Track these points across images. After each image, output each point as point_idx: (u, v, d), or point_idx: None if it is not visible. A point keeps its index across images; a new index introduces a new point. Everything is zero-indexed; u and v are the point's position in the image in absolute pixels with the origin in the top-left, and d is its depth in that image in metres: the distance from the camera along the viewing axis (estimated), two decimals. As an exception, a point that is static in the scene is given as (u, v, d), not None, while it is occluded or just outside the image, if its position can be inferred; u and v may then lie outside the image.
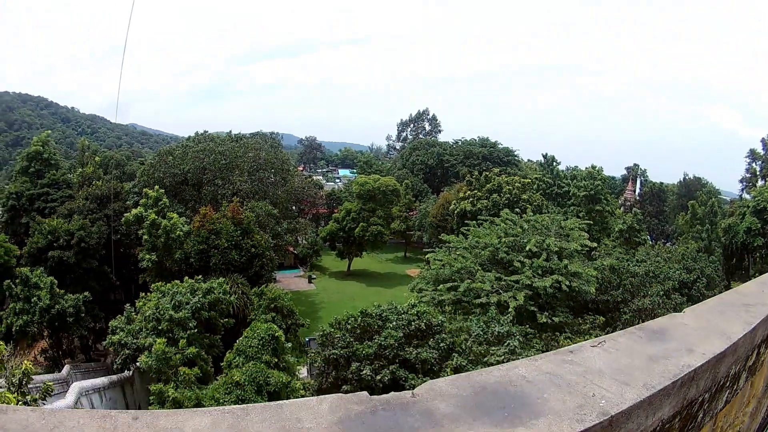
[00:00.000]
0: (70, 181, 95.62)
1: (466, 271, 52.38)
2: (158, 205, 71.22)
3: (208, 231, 65.05)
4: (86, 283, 68.56)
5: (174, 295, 50.11)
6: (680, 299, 54.77)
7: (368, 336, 40.89)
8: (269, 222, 79.52)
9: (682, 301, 54.31)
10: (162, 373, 41.02)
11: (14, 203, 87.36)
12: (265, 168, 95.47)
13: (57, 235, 69.49)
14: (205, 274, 60.08)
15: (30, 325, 57.30)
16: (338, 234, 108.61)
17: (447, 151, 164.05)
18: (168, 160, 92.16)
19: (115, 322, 51.25)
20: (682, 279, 61.58)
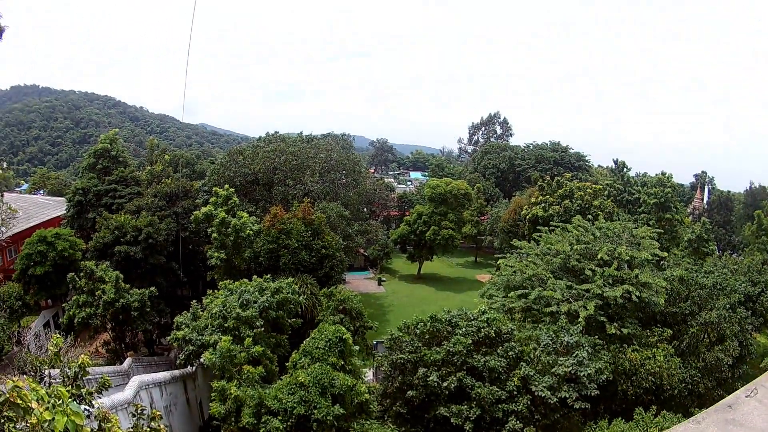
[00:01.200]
0: (139, 178, 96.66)
1: (537, 278, 52.13)
2: (228, 203, 71.80)
3: (279, 231, 65.26)
4: (153, 279, 69.53)
5: (242, 293, 50.48)
6: (745, 313, 54.23)
7: (437, 341, 40.90)
8: (340, 223, 79.97)
9: (746, 315, 53.77)
10: (226, 370, 41.16)
11: (81, 198, 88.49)
12: (336, 169, 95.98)
13: (124, 230, 70.57)
14: (274, 273, 60.44)
15: (93, 318, 58.05)
16: (409, 237, 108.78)
17: (519, 155, 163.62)
18: (238, 160, 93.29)
19: (181, 318, 51.92)
20: (747, 292, 60.71)
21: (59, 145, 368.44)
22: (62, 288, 68.61)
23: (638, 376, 41.90)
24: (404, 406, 41.44)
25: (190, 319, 51.39)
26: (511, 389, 38.00)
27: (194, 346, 47.67)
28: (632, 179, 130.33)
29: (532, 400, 38.12)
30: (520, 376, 38.44)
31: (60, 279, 67.23)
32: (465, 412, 37.35)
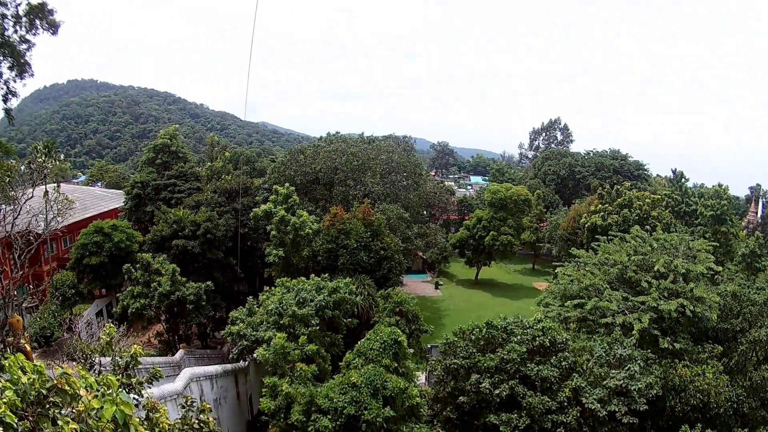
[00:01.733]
0: (199, 174, 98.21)
1: (594, 288, 51.65)
2: (288, 202, 71.91)
3: (338, 230, 65.30)
4: (210, 273, 70.10)
5: (299, 291, 50.67)
6: (793, 332, 53.46)
7: (491, 348, 40.72)
8: (400, 225, 79.70)
9: (795, 334, 53.14)
10: (278, 367, 41.30)
11: (139, 192, 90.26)
12: (397, 171, 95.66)
13: (182, 224, 71.36)
14: (332, 273, 60.63)
15: (147, 309, 58.87)
16: (468, 241, 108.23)
17: (579, 162, 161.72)
18: (300, 159, 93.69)
19: (236, 313, 52.38)
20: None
21: (118, 139, 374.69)
22: (117, 278, 69.92)
23: (687, 392, 41.04)
24: (454, 412, 41.15)
25: (246, 315, 51.89)
26: (561, 400, 37.68)
27: (248, 341, 48.05)
28: (689, 190, 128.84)
29: (582, 412, 37.80)
30: (571, 387, 38.06)
31: (115, 270, 68.38)
32: (515, 420, 37.17)
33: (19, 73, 47.79)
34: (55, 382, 8.35)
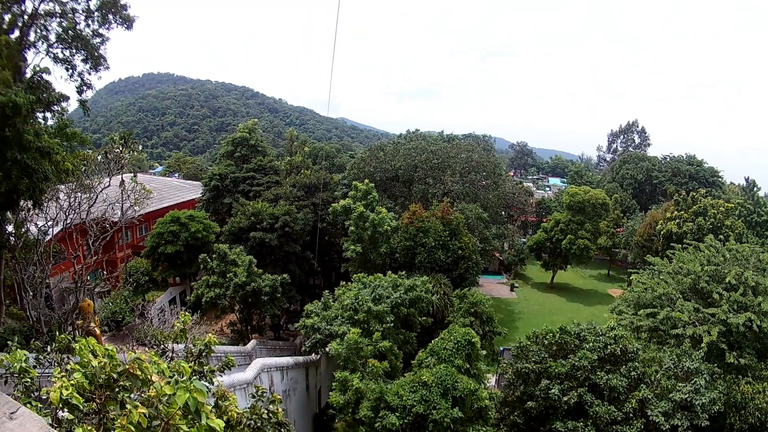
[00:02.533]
0: (277, 168, 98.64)
1: (667, 297, 51.24)
2: (367, 198, 71.92)
3: (417, 228, 65.16)
4: (286, 266, 70.67)
5: (375, 287, 50.72)
6: None
7: (563, 354, 40.48)
8: (478, 225, 79.08)
9: None
10: (350, 362, 41.11)
11: (217, 183, 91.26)
12: (476, 170, 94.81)
13: (261, 217, 71.93)
14: (409, 270, 60.80)
15: (221, 299, 59.42)
16: (545, 244, 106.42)
17: (656, 166, 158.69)
18: (379, 156, 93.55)
19: (311, 306, 52.52)
20: None
21: (195, 132, 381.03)
22: (192, 268, 71.04)
23: (747, 410, 41.07)
24: (521, 416, 40.74)
25: (321, 309, 52.03)
26: (627, 411, 37.19)
27: (322, 335, 48.26)
28: (761, 200, 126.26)
29: (646, 424, 37.69)
30: (638, 399, 37.59)
31: (190, 259, 69.71)
32: (580, 429, 36.70)
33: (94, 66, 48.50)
34: (126, 367, 8.65)
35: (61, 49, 48.50)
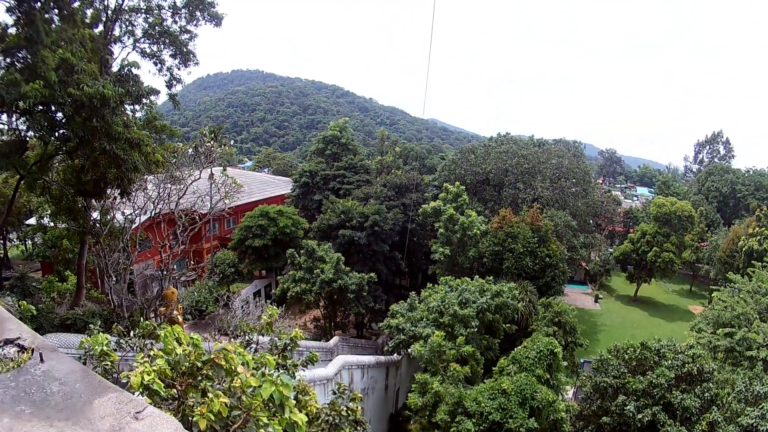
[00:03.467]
0: (368, 167, 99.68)
1: (745, 317, 50.49)
2: (458, 201, 71.99)
3: (506, 233, 64.56)
4: (374, 265, 71.22)
5: (462, 291, 50.46)
6: None
7: (641, 370, 40.15)
8: (566, 233, 78.02)
9: None
10: (432, 364, 41.43)
11: (307, 180, 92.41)
12: (566, 177, 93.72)
13: (350, 215, 72.53)
14: (496, 275, 60.52)
15: (307, 294, 59.93)
16: (631, 256, 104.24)
17: (740, 179, 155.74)
18: (470, 158, 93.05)
19: (397, 306, 52.73)
20: None
21: (285, 128, 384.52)
22: (278, 262, 71.81)
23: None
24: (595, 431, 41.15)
25: (406, 309, 52.25)
26: (697, 432, 37.23)
27: (405, 335, 48.47)
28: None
29: (713, 447, 37.20)
30: (708, 421, 37.25)
31: (277, 253, 70.59)
32: (651, 448, 36.84)
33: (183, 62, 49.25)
34: (211, 356, 8.69)
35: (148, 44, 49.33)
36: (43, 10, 35.37)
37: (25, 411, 4.22)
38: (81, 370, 4.75)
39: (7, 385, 4.52)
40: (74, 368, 4.77)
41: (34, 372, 4.73)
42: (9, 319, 5.98)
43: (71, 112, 37.01)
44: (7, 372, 4.78)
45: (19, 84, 33.59)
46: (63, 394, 4.39)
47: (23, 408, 4.25)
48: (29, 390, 4.46)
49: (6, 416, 4.11)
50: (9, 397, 4.33)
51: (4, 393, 4.41)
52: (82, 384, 4.51)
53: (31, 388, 4.50)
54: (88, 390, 4.43)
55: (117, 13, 47.51)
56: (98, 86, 35.06)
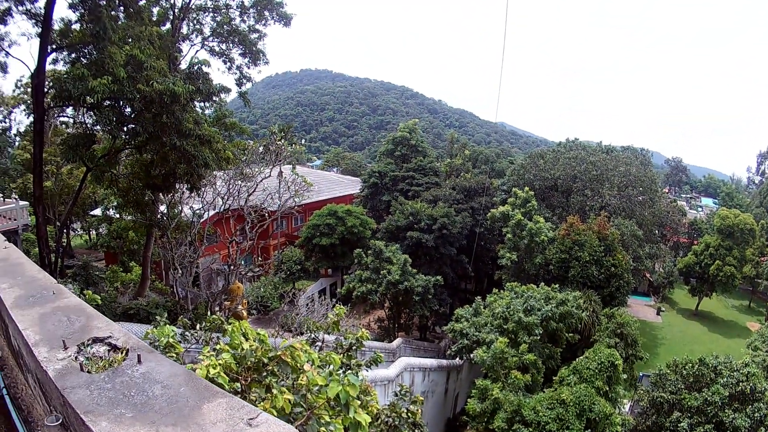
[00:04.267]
0: (437, 169, 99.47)
1: (798, 336, 49.97)
2: (526, 206, 71.77)
3: (573, 241, 63.96)
4: (440, 268, 70.97)
5: (527, 298, 50.26)
6: None
7: (698, 387, 39.92)
8: (632, 243, 77.01)
9: None
10: (493, 371, 41.47)
11: (376, 181, 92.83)
12: (633, 185, 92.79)
13: (419, 217, 72.47)
14: (562, 283, 59.84)
15: (372, 294, 60.00)
16: (694, 268, 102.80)
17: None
18: (539, 164, 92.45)
19: (462, 310, 52.56)
20: None
21: (354, 128, 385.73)
22: (345, 261, 72.10)
23: None
24: (648, 447, 40.76)
25: (471, 314, 52.07)
26: (745, 453, 36.79)
27: (469, 340, 48.16)
28: None
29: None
30: (756, 442, 37.11)
31: (344, 252, 71.15)
32: (701, 467, 36.54)
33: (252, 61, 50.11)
34: (278, 353, 8.71)
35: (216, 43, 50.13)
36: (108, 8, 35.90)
37: (126, 414, 4.12)
38: (184, 373, 4.65)
39: (102, 387, 4.44)
40: (176, 371, 4.69)
41: (131, 374, 4.66)
42: (96, 316, 5.94)
43: (140, 108, 37.67)
44: (99, 372, 4.69)
45: (86, 79, 34.29)
46: (167, 397, 4.28)
47: (123, 411, 4.14)
48: (128, 392, 4.36)
49: (104, 419, 4.02)
50: (105, 399, 4.24)
51: (100, 395, 4.32)
52: (187, 388, 4.42)
53: (130, 391, 4.39)
54: (194, 394, 4.34)
55: (184, 12, 48.46)
56: (168, 83, 35.61)
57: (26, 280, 7.40)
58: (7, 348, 8.33)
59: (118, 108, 39.27)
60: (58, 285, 7.01)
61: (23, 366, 6.53)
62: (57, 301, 6.41)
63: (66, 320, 5.76)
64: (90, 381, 4.45)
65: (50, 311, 6.07)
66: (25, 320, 5.88)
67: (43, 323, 5.65)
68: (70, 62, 40.25)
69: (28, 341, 5.26)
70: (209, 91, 42.30)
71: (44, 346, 5.14)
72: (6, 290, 7.00)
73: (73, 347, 5.04)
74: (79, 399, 4.18)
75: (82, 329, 5.50)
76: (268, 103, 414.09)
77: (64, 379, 4.48)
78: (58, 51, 40.29)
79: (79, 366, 4.67)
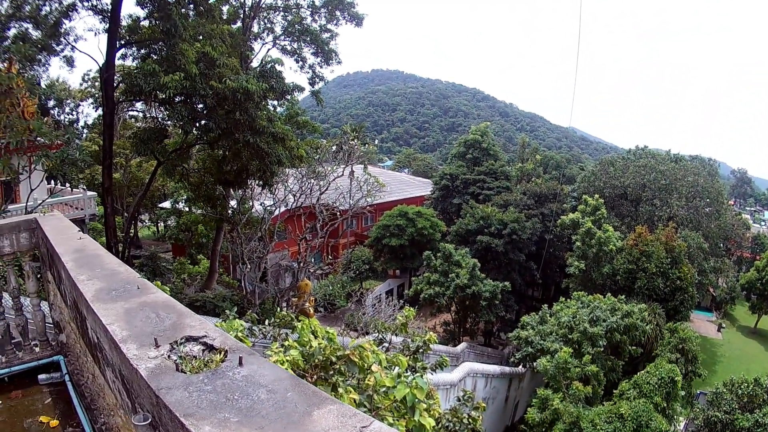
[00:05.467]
0: (509, 173, 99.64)
1: None
2: (595, 214, 71.59)
3: (640, 252, 63.14)
4: (509, 274, 70.72)
5: (593, 308, 49.95)
6: None
7: (750, 407, 39.60)
8: (698, 256, 76.03)
9: None
10: (555, 381, 41.16)
11: (447, 183, 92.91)
12: (700, 196, 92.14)
13: (489, 221, 72.13)
14: (628, 294, 59.19)
15: (440, 297, 60.10)
16: (755, 284, 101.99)
17: None
18: (609, 171, 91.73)
19: (528, 318, 52.52)
20: None
21: (426, 130, 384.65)
22: (414, 263, 72.34)
23: None
24: (698, 468, 40.45)
25: (537, 322, 51.87)
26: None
27: (533, 348, 48.01)
28: None
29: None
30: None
31: (413, 254, 71.34)
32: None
33: (325, 60, 50.54)
34: (347, 353, 8.71)
35: (288, 42, 50.60)
36: (178, 5, 36.43)
37: (231, 419, 3.99)
38: (289, 378, 4.52)
39: (201, 389, 4.34)
40: (281, 375, 4.56)
41: (233, 376, 4.54)
42: (188, 314, 5.91)
43: (213, 104, 38.24)
44: (195, 373, 4.60)
45: (158, 75, 34.85)
46: (274, 402, 4.13)
47: (227, 416, 4.02)
48: (231, 396, 4.23)
49: (206, 423, 3.92)
50: (207, 402, 4.15)
51: (200, 397, 4.23)
52: (294, 393, 4.27)
53: (233, 394, 4.26)
54: (302, 400, 4.17)
55: (255, 10, 49.25)
56: (241, 81, 36.10)
57: (106, 272, 7.40)
58: (80, 339, 8.46)
59: (190, 104, 39.93)
60: (142, 279, 6.91)
61: (101, 359, 6.40)
62: (143, 296, 6.43)
63: (155, 316, 5.73)
64: (188, 382, 4.38)
65: (136, 306, 6.05)
66: (110, 315, 5.84)
67: (130, 319, 5.64)
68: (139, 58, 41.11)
69: (114, 337, 5.06)
70: (283, 90, 42.72)
71: (133, 342, 5.06)
72: (85, 282, 7.05)
73: (165, 345, 4.96)
74: (177, 401, 4.12)
75: (173, 327, 5.48)
76: (340, 102, 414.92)
77: (159, 379, 4.41)
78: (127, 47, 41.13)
79: (175, 366, 4.59)
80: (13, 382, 9.87)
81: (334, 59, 51.33)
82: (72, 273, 7.38)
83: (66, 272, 7.74)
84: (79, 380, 9.32)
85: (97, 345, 6.45)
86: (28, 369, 10.21)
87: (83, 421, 8.00)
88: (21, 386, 9.74)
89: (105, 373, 6.57)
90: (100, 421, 7.88)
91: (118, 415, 6.53)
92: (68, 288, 8.05)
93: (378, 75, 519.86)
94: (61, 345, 10.85)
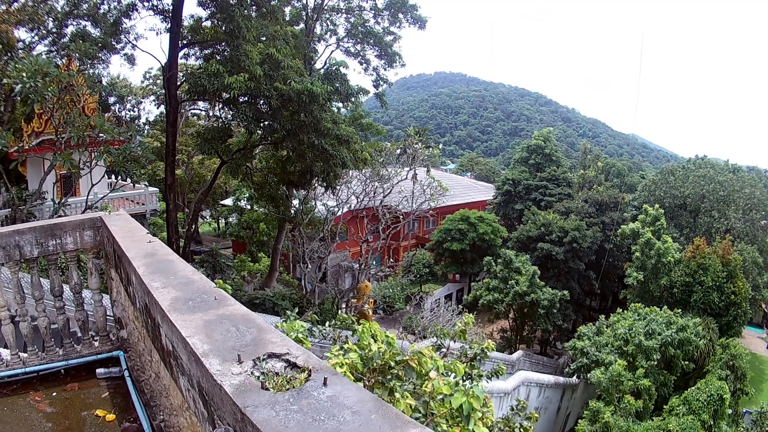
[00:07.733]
0: (570, 180, 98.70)
1: None
2: (655, 224, 70.28)
3: (698, 264, 62.33)
4: (567, 282, 70.25)
5: (650, 321, 49.43)
6: None
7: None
8: (753, 270, 74.32)
9: None
10: (607, 393, 41.19)
11: (509, 188, 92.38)
12: (757, 208, 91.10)
13: (550, 228, 71.80)
14: (683, 308, 58.44)
15: (498, 304, 60.24)
16: None
17: None
18: (669, 180, 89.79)
19: (585, 328, 52.24)
20: None
21: (489, 134, 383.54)
22: (474, 267, 72.35)
23: None
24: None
25: (593, 333, 51.40)
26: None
27: (588, 360, 47.65)
28: None
29: None
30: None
31: (474, 259, 71.15)
32: None
33: (389, 63, 50.74)
34: (405, 358, 8.91)
35: (352, 44, 51.00)
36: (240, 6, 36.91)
37: None
38: (373, 399, 4.44)
39: (288, 408, 4.28)
40: (364, 396, 4.49)
41: (318, 396, 4.46)
42: (269, 329, 5.85)
43: (278, 106, 38.66)
44: (280, 392, 4.54)
45: (222, 75, 35.29)
46: (358, 424, 4.02)
47: None
48: (317, 416, 4.12)
49: None
50: (294, 422, 4.06)
51: (287, 416, 4.16)
52: (377, 415, 4.17)
53: (320, 415, 4.16)
54: (386, 423, 4.05)
55: (317, 12, 49.62)
56: (306, 83, 36.49)
57: (180, 280, 7.39)
58: (146, 339, 8.56)
59: (254, 104, 40.40)
60: (218, 289, 6.89)
61: (175, 366, 6.49)
62: (221, 308, 6.40)
63: (235, 330, 5.72)
64: (274, 401, 4.34)
65: (215, 319, 6.03)
66: (189, 327, 5.83)
67: (210, 332, 5.63)
68: (202, 58, 41.78)
69: (195, 350, 5.14)
70: (347, 92, 43.08)
71: (215, 357, 5.06)
72: (160, 290, 7.05)
73: (248, 362, 4.95)
74: (264, 419, 4.08)
75: (254, 342, 5.45)
76: (403, 104, 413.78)
77: (244, 397, 4.38)
78: (190, 47, 41.79)
79: (260, 384, 4.57)
80: (70, 375, 10.15)
81: (397, 62, 51.57)
82: (145, 279, 7.35)
83: (138, 277, 7.75)
84: (139, 377, 9.56)
85: (173, 353, 6.49)
86: (86, 363, 10.47)
87: (141, 417, 8.21)
88: (77, 379, 10.00)
89: (178, 381, 6.61)
90: (159, 418, 8.10)
91: (184, 417, 6.68)
92: (139, 292, 8.21)
93: (441, 77, 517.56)
94: (122, 341, 11.11)
